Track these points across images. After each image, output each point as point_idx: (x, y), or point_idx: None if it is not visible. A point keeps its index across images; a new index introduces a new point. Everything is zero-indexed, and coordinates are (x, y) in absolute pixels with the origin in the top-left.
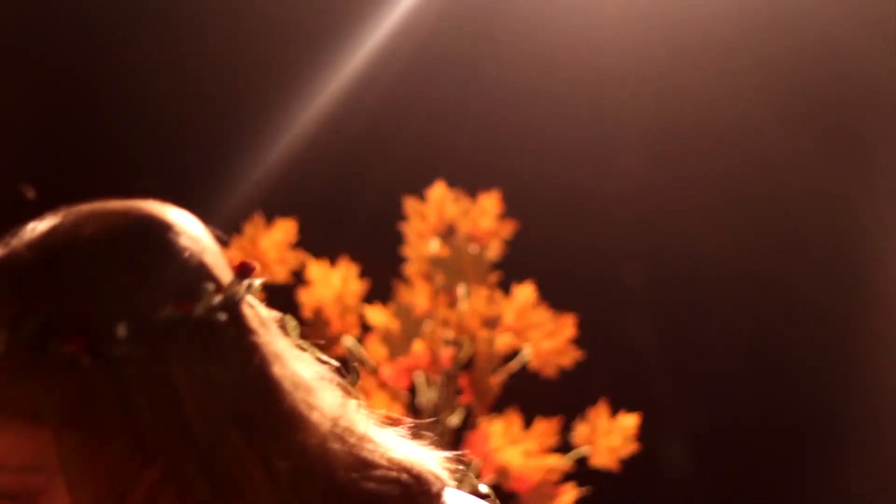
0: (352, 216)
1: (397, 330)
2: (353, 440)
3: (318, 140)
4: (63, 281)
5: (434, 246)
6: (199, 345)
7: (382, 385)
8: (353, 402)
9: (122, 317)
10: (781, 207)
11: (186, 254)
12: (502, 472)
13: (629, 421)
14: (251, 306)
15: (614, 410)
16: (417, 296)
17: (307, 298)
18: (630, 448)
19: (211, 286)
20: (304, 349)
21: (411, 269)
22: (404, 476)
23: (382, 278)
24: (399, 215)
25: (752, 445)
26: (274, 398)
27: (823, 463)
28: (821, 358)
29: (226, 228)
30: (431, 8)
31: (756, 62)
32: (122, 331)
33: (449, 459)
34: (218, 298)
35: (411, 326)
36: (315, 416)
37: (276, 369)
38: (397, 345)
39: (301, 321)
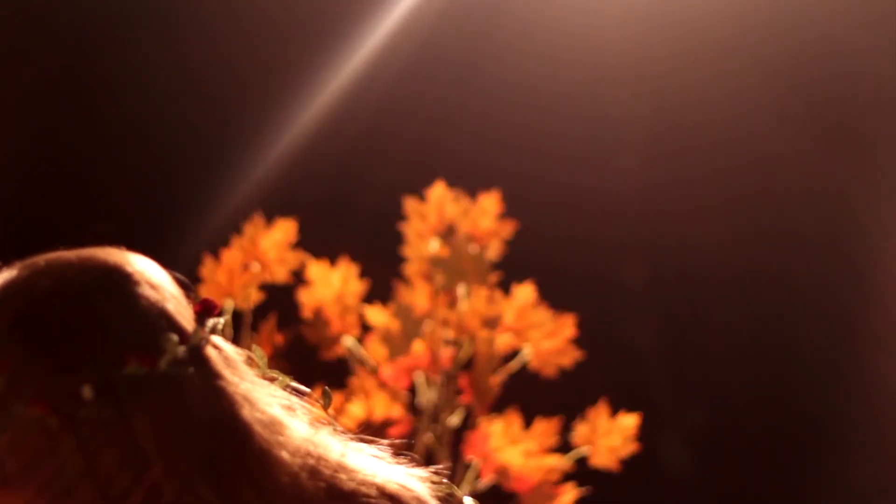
0: (352, 216)
1: (397, 330)
2: (327, 472)
3: (318, 140)
4: (23, 340)
5: (434, 246)
6: (165, 398)
7: (382, 385)
8: (325, 430)
9: (86, 377)
10: (781, 207)
11: (147, 304)
12: (502, 472)
13: (629, 421)
14: (217, 347)
15: (614, 410)
16: (417, 296)
17: (307, 298)
18: (630, 448)
19: (174, 337)
20: (273, 378)
21: (411, 269)
22: (385, 503)
23: (382, 278)
24: (399, 215)
25: (752, 445)
26: (242, 441)
27: (823, 463)
28: (821, 358)
29: (226, 228)
30: (431, 8)
31: (756, 62)
32: (87, 392)
33: (432, 475)
34: (182, 350)
35: (411, 326)
36: (285, 455)
37: (245, 412)
38: (397, 345)
39: (301, 321)
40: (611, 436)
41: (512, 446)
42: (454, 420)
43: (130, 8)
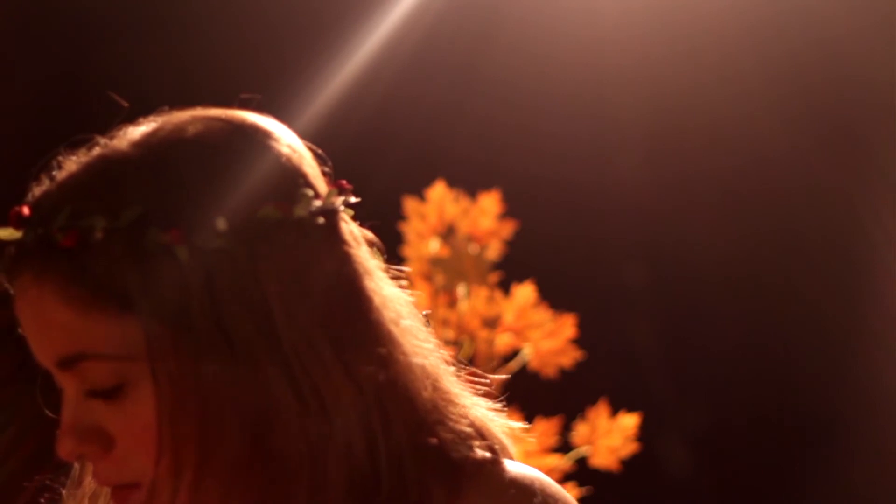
0: (351, 216)
1: None
2: (434, 376)
3: (317, 140)
4: (165, 175)
5: (434, 246)
6: (294, 247)
7: None
8: (435, 342)
9: (222, 212)
10: (782, 207)
11: (286, 162)
12: None
13: (629, 421)
14: (346, 221)
15: (614, 410)
16: (417, 296)
17: None
18: (630, 448)
19: (310, 192)
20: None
21: (411, 269)
22: (476, 437)
23: None
24: (399, 215)
25: (753, 445)
26: (363, 309)
27: (824, 463)
28: (821, 358)
29: None
30: (431, 8)
31: (757, 62)
32: (221, 224)
33: (511, 426)
34: (317, 203)
35: None
36: (402, 337)
37: (367, 283)
38: None
39: None
40: (611, 436)
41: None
42: None
43: (130, 8)
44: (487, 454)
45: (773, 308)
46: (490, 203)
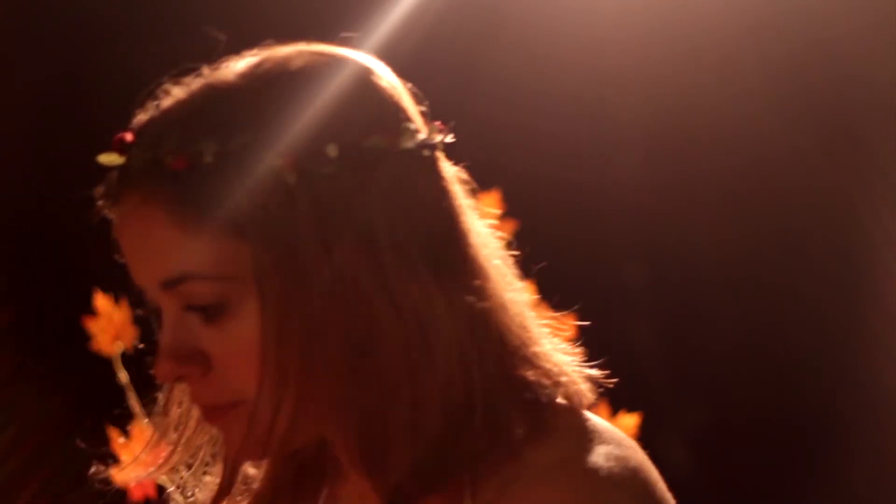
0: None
1: None
2: (521, 316)
3: None
4: (273, 103)
5: None
6: (399, 177)
7: None
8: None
9: (332, 139)
10: (782, 207)
11: (388, 94)
12: None
13: (629, 421)
14: (443, 160)
15: (614, 410)
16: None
17: None
18: None
19: (413, 125)
20: None
21: None
22: (562, 381)
23: None
24: None
25: (753, 445)
26: (461, 243)
27: (824, 463)
28: (821, 358)
29: None
30: (431, 8)
31: (757, 62)
32: (332, 150)
33: (590, 374)
34: (420, 136)
35: None
36: (496, 274)
37: (465, 219)
38: None
39: None
40: None
41: None
42: None
43: (130, 8)
44: (567, 401)
45: (773, 308)
46: (490, 203)
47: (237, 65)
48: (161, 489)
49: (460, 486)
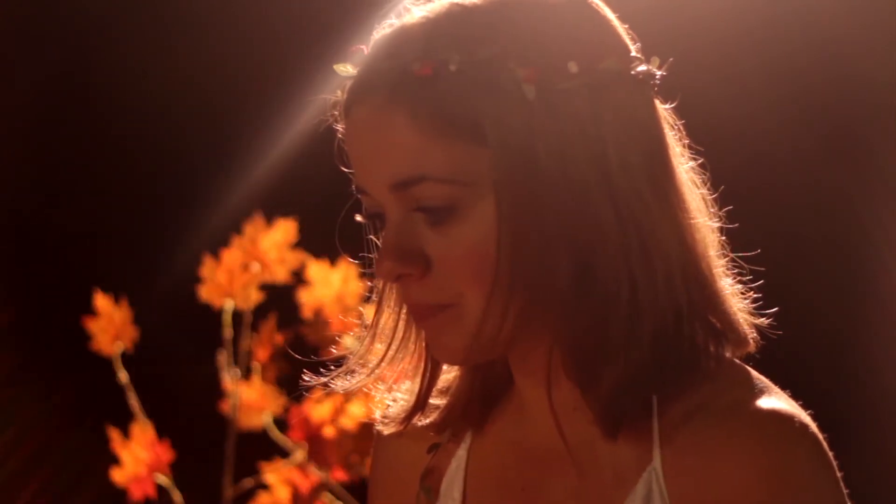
0: (352, 216)
1: None
2: (712, 253)
3: (317, 139)
4: (516, 20)
5: None
6: (629, 100)
7: None
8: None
9: (571, 57)
10: (782, 207)
11: (616, 24)
12: None
13: None
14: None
15: None
16: None
17: (307, 298)
18: None
19: (639, 55)
20: None
21: None
22: (735, 323)
23: None
24: None
25: None
26: (674, 172)
27: None
28: (821, 358)
29: (226, 228)
30: None
31: (757, 62)
32: (573, 67)
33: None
34: (648, 67)
35: None
36: (699, 204)
37: (671, 153)
38: None
39: (301, 321)
40: None
41: None
42: None
43: (130, 8)
44: (735, 347)
45: (772, 308)
46: None
47: None
48: (161, 489)
49: (649, 403)
